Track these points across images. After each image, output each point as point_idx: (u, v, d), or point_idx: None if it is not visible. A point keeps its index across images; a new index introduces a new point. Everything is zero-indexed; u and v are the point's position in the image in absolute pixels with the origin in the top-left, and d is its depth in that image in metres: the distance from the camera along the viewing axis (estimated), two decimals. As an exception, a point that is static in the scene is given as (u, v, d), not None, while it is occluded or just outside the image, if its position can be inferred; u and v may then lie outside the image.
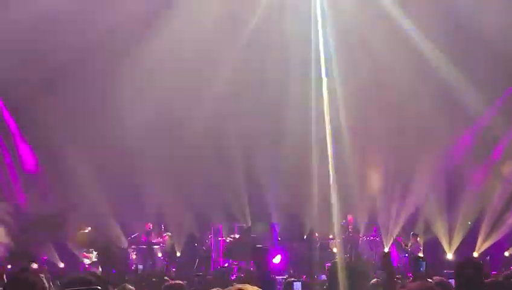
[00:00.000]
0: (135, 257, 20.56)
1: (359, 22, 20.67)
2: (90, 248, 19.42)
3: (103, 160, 20.53)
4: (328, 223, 21.09)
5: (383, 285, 6.90)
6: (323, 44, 20.65)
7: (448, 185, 20.85)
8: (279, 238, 20.58)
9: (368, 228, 20.88)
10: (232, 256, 19.76)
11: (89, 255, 19.43)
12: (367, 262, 18.11)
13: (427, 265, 11.11)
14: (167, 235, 20.82)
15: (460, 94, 20.27)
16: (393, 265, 11.93)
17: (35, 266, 15.48)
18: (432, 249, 19.87)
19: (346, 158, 21.99)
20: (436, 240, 19.92)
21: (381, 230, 20.72)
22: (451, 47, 20.10)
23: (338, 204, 21.04)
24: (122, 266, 19.01)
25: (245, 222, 21.79)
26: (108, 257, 18.95)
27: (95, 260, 19.03)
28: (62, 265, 19.69)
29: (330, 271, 7.83)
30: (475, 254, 19.53)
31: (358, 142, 21.80)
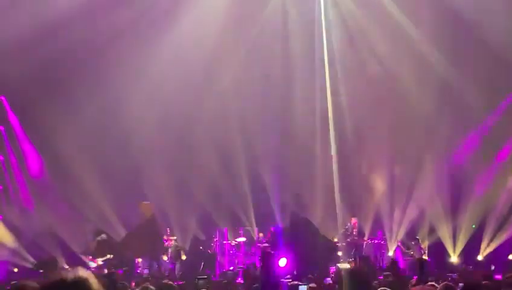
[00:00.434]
0: (141, 260, 20.63)
1: (362, 21, 20.90)
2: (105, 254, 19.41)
3: (108, 164, 20.64)
4: (333, 226, 21.21)
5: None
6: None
7: (453, 188, 20.85)
8: (283, 241, 20.58)
9: (373, 231, 20.87)
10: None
11: (96, 259, 19.47)
12: (370, 268, 18.11)
13: (428, 268, 11.14)
14: (172, 238, 20.85)
15: (465, 95, 20.36)
16: (400, 272, 11.93)
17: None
18: (436, 252, 19.88)
19: (351, 161, 22.15)
20: (440, 243, 19.91)
21: (386, 233, 20.73)
22: (452, 46, 20.21)
23: (342, 207, 21.18)
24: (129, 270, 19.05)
25: (250, 225, 21.84)
26: (121, 261, 19.09)
27: (101, 263, 19.07)
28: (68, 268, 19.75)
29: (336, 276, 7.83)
30: (479, 257, 19.55)
31: (363, 144, 21.92)
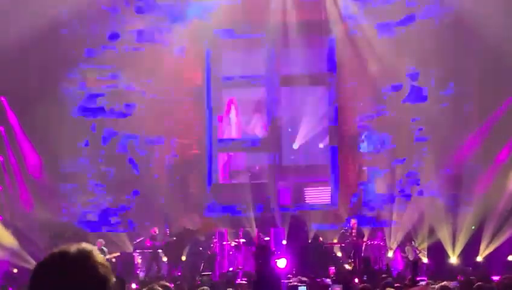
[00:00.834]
0: (140, 262, 20.70)
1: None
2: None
3: (107, 164, 20.71)
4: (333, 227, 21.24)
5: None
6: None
7: (453, 189, 20.87)
8: (283, 242, 20.62)
9: (373, 233, 20.86)
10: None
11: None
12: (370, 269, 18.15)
13: (423, 269, 11.14)
14: (172, 240, 20.88)
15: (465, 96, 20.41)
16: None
17: None
18: (436, 253, 19.88)
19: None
20: (439, 244, 19.90)
21: (385, 234, 20.74)
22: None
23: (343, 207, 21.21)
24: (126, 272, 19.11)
25: (250, 227, 21.84)
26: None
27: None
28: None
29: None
30: (479, 258, 19.56)
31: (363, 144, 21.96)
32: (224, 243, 20.61)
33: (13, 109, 21.22)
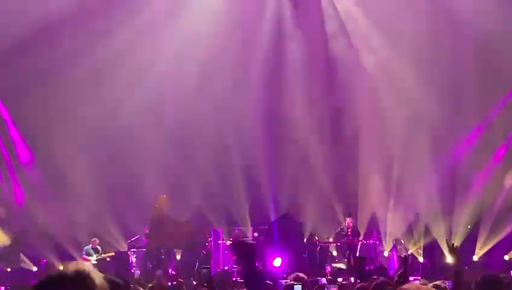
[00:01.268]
0: (135, 260, 20.62)
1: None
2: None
3: (102, 162, 20.58)
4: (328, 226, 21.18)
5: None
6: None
7: (448, 188, 20.82)
8: (279, 241, 20.57)
9: (368, 232, 20.81)
10: None
11: (90, 258, 19.42)
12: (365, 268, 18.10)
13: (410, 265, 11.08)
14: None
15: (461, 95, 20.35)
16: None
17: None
18: (432, 252, 19.84)
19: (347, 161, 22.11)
20: (435, 244, 19.86)
21: (380, 233, 20.68)
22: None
23: (338, 207, 21.14)
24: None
25: (245, 226, 21.76)
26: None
27: (95, 263, 19.04)
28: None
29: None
30: (475, 258, 19.52)
31: (359, 144, 21.89)
32: (219, 242, 20.58)
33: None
